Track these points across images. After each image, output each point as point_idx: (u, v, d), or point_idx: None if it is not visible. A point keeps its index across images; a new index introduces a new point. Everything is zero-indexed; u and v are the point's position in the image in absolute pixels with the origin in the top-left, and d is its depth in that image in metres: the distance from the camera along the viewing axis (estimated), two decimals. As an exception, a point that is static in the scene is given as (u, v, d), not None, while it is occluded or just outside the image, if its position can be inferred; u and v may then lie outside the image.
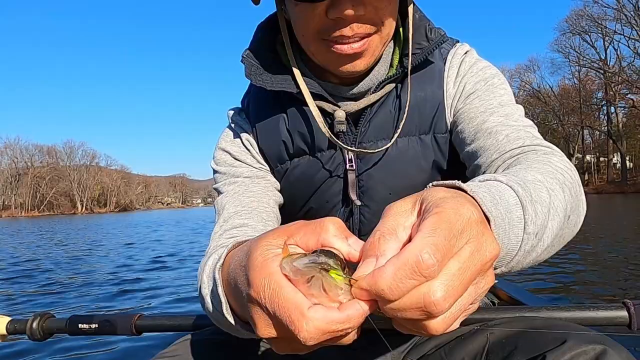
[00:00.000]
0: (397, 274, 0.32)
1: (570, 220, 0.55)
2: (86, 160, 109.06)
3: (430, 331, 0.34)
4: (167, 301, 3.97)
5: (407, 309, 0.33)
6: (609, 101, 46.62)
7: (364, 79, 0.78)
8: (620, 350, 0.53)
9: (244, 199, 0.80)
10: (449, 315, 0.34)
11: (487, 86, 0.79)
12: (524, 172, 0.54)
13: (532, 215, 0.46)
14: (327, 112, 0.79)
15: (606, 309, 0.78)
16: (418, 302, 0.32)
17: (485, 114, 0.75)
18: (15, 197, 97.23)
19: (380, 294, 0.32)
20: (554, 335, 0.59)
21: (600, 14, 44.20)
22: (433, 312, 0.32)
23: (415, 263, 0.31)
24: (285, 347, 0.40)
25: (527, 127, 0.72)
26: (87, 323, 1.00)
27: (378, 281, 0.32)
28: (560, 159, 0.62)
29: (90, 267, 6.69)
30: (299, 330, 0.34)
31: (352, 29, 0.67)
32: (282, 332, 0.36)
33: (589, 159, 54.02)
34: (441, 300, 0.32)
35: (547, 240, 0.49)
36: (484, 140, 0.72)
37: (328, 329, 0.34)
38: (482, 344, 0.68)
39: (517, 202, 0.46)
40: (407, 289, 0.32)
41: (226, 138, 0.88)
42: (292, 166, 0.84)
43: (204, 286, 0.59)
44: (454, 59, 0.83)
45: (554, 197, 0.51)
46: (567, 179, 0.57)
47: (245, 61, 0.80)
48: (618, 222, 9.18)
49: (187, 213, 51.63)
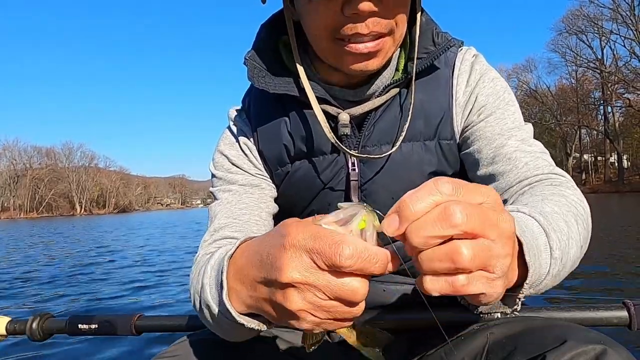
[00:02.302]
0: (426, 219, 0.35)
1: (583, 249, 0.62)
2: (85, 162, 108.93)
3: (459, 261, 0.35)
4: (166, 301, 3.97)
5: (429, 240, 0.35)
6: (605, 101, 46.75)
7: (371, 82, 0.78)
8: (620, 350, 0.53)
9: (236, 210, 0.81)
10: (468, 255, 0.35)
11: (500, 102, 0.79)
12: (542, 203, 0.60)
13: (557, 241, 0.52)
14: (330, 115, 0.78)
15: (606, 309, 0.78)
16: (439, 229, 0.35)
17: (503, 137, 0.76)
18: (14, 198, 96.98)
19: (408, 226, 0.36)
20: (554, 335, 0.59)
21: (596, 14, 44.37)
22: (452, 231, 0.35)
23: (445, 211, 0.35)
24: (305, 307, 0.41)
25: (543, 154, 0.76)
26: (87, 323, 1.01)
27: (407, 205, 0.36)
28: (574, 192, 0.68)
29: (90, 267, 6.68)
30: (339, 252, 0.37)
31: (368, 27, 0.65)
32: (313, 277, 0.39)
33: (587, 158, 54.14)
34: (459, 220, 0.34)
35: (567, 267, 0.56)
36: (503, 166, 0.75)
37: (364, 255, 0.37)
38: (482, 344, 0.68)
39: (540, 230, 0.52)
40: (432, 233, 0.35)
41: (225, 140, 0.88)
42: (293, 169, 0.83)
43: (206, 275, 0.60)
44: (462, 65, 0.81)
45: (571, 228, 0.57)
46: (580, 212, 0.63)
47: (249, 63, 0.79)
48: (616, 222, 9.23)
49: (186, 214, 51.57)
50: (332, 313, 0.41)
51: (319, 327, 0.43)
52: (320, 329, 0.43)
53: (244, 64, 0.79)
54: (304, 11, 0.70)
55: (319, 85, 0.78)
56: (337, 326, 0.43)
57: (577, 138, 53.37)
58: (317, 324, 0.43)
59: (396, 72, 0.80)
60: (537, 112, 53.15)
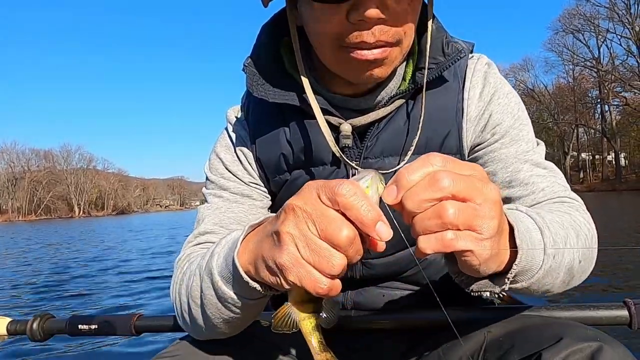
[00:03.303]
0: (419, 185, 0.42)
1: (582, 265, 0.63)
2: (83, 164, 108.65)
3: (444, 216, 0.42)
4: (166, 302, 3.96)
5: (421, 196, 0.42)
6: (602, 99, 46.85)
7: (375, 92, 0.75)
8: (616, 346, 0.54)
9: (224, 218, 0.82)
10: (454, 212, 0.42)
11: (515, 122, 0.78)
12: (545, 212, 0.62)
13: (550, 240, 0.55)
14: (331, 125, 0.76)
15: (607, 308, 0.78)
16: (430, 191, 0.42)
17: (519, 162, 0.77)
18: (12, 201, 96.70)
19: (400, 183, 0.43)
20: (550, 332, 0.59)
21: (592, 13, 44.52)
22: (440, 188, 0.41)
23: (434, 176, 0.42)
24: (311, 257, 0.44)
25: (557, 177, 0.78)
26: (87, 324, 1.01)
27: (404, 175, 0.43)
28: (582, 214, 0.71)
29: (90, 268, 6.66)
30: (340, 185, 0.43)
31: (374, 35, 0.62)
32: (312, 205, 0.44)
33: (584, 157, 54.26)
34: (446, 184, 0.42)
35: (563, 272, 0.59)
36: (520, 191, 0.75)
37: (359, 196, 0.43)
38: (480, 343, 0.68)
39: (535, 227, 0.55)
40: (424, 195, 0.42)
41: (222, 142, 0.87)
42: (292, 177, 0.82)
43: (213, 258, 0.61)
44: (474, 76, 0.79)
45: (569, 236, 0.60)
46: (584, 230, 0.66)
47: (248, 70, 0.77)
48: (615, 221, 9.23)
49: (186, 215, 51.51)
50: (314, 253, 0.43)
51: (300, 279, 0.44)
52: (301, 284, 0.44)
53: (243, 70, 0.77)
54: (308, 17, 0.67)
55: (321, 95, 0.76)
56: (314, 284, 0.44)
57: (574, 137, 53.50)
58: (300, 274, 0.44)
59: (402, 82, 0.77)
60: (534, 111, 53.18)
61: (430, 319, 0.80)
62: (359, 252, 0.44)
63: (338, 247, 0.43)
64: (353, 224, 0.43)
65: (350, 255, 0.44)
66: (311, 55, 0.77)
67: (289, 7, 0.73)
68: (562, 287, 0.63)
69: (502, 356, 0.62)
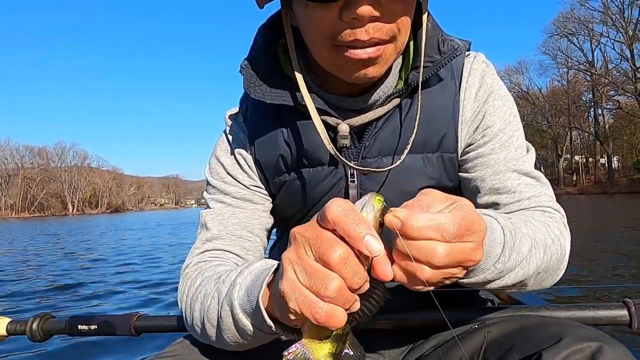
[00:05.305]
0: (427, 223, 0.42)
1: (540, 276, 0.66)
2: (77, 161, 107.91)
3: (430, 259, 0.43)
4: (166, 301, 3.94)
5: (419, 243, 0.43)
6: (596, 103, 47.20)
7: (372, 91, 0.75)
8: (616, 346, 0.54)
9: (228, 224, 0.82)
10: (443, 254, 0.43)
11: (506, 126, 0.78)
12: (522, 224, 0.65)
13: (507, 256, 0.58)
14: (329, 126, 0.75)
15: (606, 308, 0.79)
16: (427, 247, 0.43)
17: (507, 170, 0.77)
18: (6, 198, 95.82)
19: (405, 224, 0.42)
20: (550, 332, 0.60)
21: (586, 17, 44.77)
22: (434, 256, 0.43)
23: (443, 224, 0.43)
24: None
25: (545, 186, 0.79)
26: (87, 324, 1.01)
27: (411, 217, 0.43)
28: (559, 227, 0.72)
29: (89, 267, 6.62)
30: (333, 204, 0.43)
31: (368, 32, 0.61)
32: (310, 230, 0.44)
33: (578, 160, 54.62)
34: (441, 256, 0.43)
35: (510, 279, 0.61)
36: (507, 198, 0.76)
37: (351, 213, 0.42)
38: (480, 343, 0.68)
39: (502, 241, 0.57)
40: (426, 235, 0.42)
41: (222, 146, 0.87)
42: (290, 178, 0.81)
43: (235, 289, 0.60)
44: (470, 75, 0.78)
45: (533, 253, 0.63)
46: (555, 244, 0.68)
47: (245, 72, 0.76)
48: (610, 223, 9.28)
49: (181, 214, 51.28)
50: (309, 276, 0.42)
51: (299, 305, 0.43)
52: (300, 312, 0.43)
53: (240, 72, 0.77)
54: (302, 17, 0.66)
55: (317, 95, 0.75)
56: (311, 308, 0.42)
57: (568, 139, 53.82)
58: (298, 300, 0.43)
59: (398, 81, 0.77)
60: (528, 114, 53.47)
61: (430, 320, 0.80)
62: (357, 274, 0.42)
63: (332, 267, 0.41)
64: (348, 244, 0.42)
65: (346, 277, 0.41)
66: (307, 56, 0.76)
67: (284, 8, 0.73)
68: (516, 288, 0.65)
69: (502, 356, 0.63)
